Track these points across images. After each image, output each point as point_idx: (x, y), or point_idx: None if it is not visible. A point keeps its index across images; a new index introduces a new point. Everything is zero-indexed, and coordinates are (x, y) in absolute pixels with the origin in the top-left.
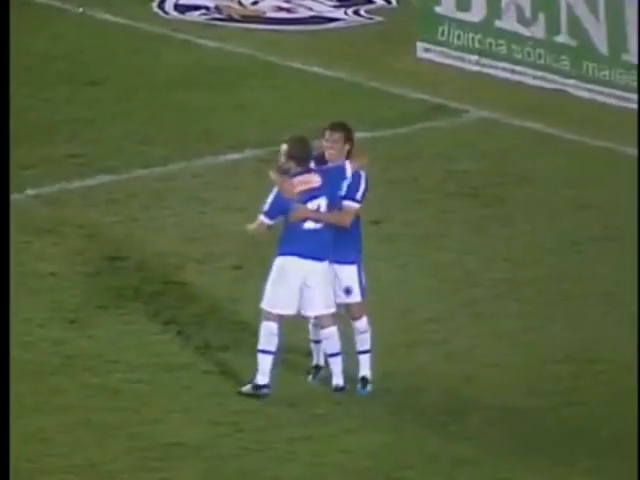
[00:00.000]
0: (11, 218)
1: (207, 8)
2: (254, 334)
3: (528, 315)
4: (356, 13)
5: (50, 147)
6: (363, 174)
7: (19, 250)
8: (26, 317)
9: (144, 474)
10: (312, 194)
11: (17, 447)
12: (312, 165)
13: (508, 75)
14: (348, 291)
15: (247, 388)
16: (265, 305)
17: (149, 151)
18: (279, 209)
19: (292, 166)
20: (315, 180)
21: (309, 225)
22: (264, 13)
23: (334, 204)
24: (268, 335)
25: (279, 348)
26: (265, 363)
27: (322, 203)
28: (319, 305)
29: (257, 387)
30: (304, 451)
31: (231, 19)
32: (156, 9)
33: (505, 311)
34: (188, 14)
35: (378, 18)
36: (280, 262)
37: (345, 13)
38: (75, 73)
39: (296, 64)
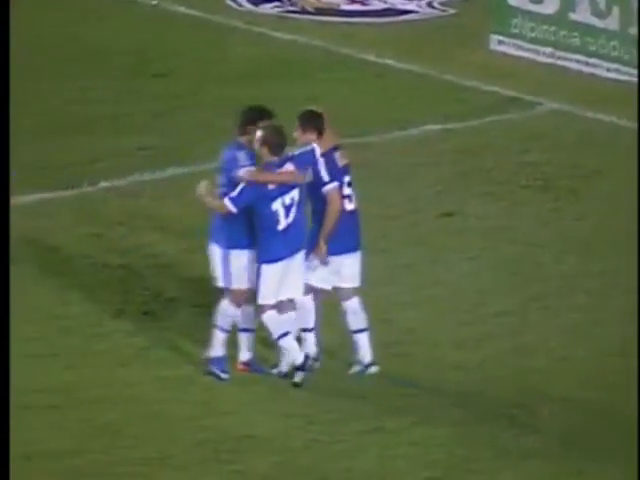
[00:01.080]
0: (83, 210)
1: (281, 0)
2: (326, 326)
3: (597, 308)
4: (429, 5)
5: (122, 139)
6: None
7: (90, 243)
8: (98, 309)
9: (215, 466)
10: (288, 186)
11: (89, 439)
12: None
13: (581, 67)
14: (347, 277)
15: (299, 376)
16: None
17: (219, 143)
18: (248, 200)
19: (265, 153)
20: (290, 172)
21: (282, 225)
22: (338, 5)
23: (314, 193)
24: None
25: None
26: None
27: (295, 194)
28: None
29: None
30: (374, 443)
31: (304, 11)
32: (229, 2)
33: (575, 304)
34: (262, 7)
35: (451, 10)
36: (270, 269)
37: (418, 5)
38: (146, 65)
39: (369, 57)
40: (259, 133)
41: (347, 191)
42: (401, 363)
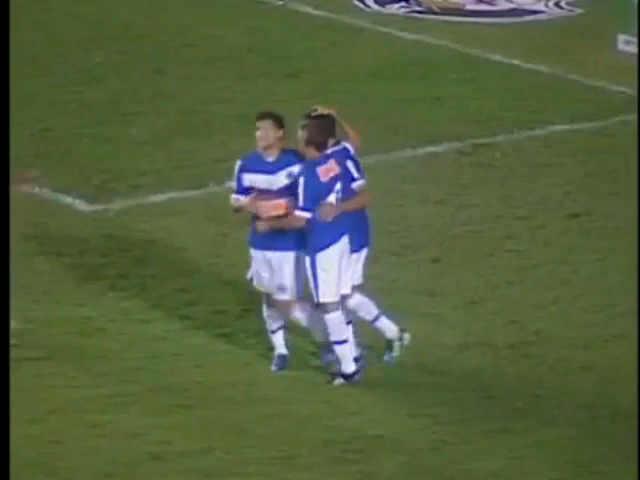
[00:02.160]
0: (207, 210)
1: (407, 1)
2: (451, 328)
3: None
4: (557, 5)
5: (252, 140)
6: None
7: (217, 242)
8: (223, 309)
9: (341, 467)
10: (335, 181)
11: (215, 439)
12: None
13: None
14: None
15: (339, 382)
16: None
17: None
18: (313, 201)
19: (311, 151)
20: (335, 166)
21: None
22: (464, 6)
23: (345, 187)
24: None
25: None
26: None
27: (339, 186)
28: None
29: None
30: (502, 445)
31: (431, 12)
32: (356, 2)
33: None
34: (388, 7)
35: (579, 10)
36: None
37: (546, 5)
38: (273, 65)
39: (495, 57)
40: (302, 132)
41: None
42: (528, 364)
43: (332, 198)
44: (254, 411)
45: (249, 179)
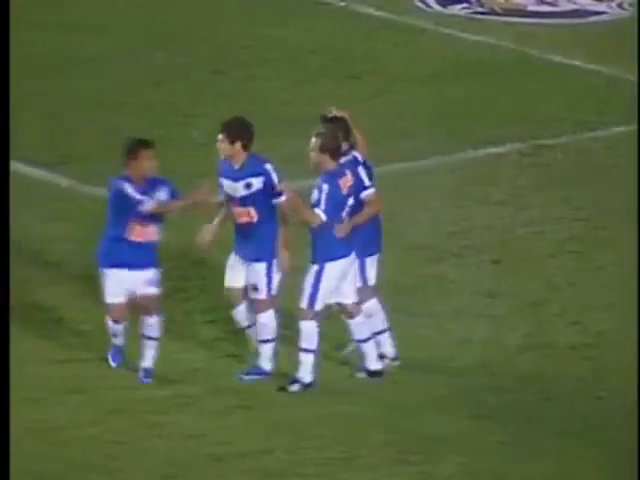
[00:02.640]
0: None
1: (469, 2)
2: (512, 329)
3: None
4: (620, 6)
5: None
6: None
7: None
8: None
9: (400, 467)
10: (351, 191)
11: (275, 438)
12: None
13: None
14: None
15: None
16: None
17: (408, 144)
18: (333, 208)
19: (326, 160)
20: (350, 177)
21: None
22: (525, 7)
23: (356, 196)
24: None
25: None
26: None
27: (351, 199)
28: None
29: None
30: (561, 447)
31: (493, 12)
32: (418, 3)
33: None
34: (450, 8)
35: None
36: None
37: (609, 6)
38: (335, 67)
39: (556, 58)
40: (316, 140)
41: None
42: (589, 366)
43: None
44: (313, 411)
45: (221, 181)
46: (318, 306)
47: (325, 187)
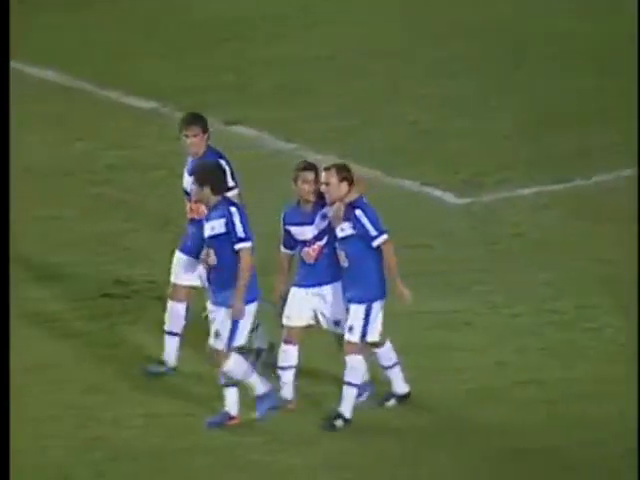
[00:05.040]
0: (573, 204)
1: None
2: None
3: None
4: None
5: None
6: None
7: (582, 237)
8: (589, 303)
9: None
10: None
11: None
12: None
13: None
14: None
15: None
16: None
17: None
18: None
19: (344, 189)
20: None
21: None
22: None
23: None
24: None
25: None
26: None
27: None
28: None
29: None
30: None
31: None
32: None
33: None
34: None
35: None
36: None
37: None
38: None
39: None
40: (327, 174)
41: None
42: None
43: None
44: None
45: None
46: (368, 339)
47: (361, 213)
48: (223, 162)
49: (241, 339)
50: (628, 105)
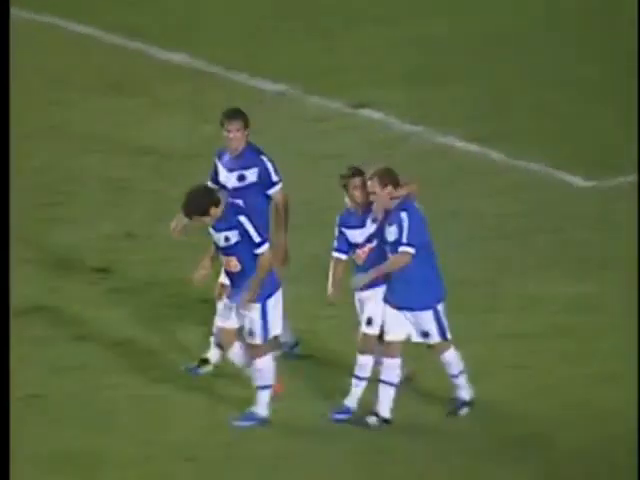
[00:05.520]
0: None
1: None
2: None
3: None
4: None
5: None
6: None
7: None
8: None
9: None
10: None
11: None
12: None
13: None
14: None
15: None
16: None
17: None
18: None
19: (391, 191)
20: None
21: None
22: None
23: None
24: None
25: None
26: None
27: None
28: None
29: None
30: None
31: None
32: None
33: None
34: None
35: None
36: None
37: None
38: None
39: None
40: (372, 183)
41: None
42: None
43: None
44: None
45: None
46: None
47: (405, 217)
48: (265, 158)
49: (276, 329)
50: None
